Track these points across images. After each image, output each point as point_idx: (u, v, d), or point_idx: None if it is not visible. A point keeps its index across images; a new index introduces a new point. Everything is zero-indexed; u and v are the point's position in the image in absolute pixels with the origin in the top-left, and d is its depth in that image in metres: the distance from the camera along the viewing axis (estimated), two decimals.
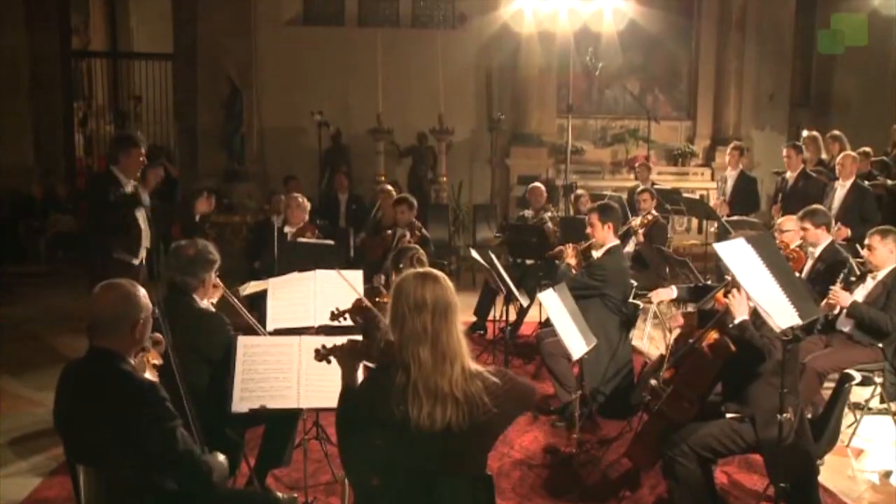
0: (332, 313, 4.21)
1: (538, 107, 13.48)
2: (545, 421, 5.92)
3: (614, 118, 13.93)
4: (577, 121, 12.96)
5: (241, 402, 3.99)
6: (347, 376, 2.89)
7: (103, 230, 6.21)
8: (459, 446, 2.67)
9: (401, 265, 5.14)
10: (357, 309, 4.22)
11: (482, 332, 8.17)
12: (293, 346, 4.16)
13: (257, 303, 6.02)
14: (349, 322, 4.29)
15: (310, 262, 5.77)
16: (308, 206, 7.86)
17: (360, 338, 3.19)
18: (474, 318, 8.22)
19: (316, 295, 5.16)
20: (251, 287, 6.05)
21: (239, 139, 12.59)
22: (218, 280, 4.49)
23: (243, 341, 4.14)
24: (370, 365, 2.99)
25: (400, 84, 12.75)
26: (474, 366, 2.73)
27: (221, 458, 3.33)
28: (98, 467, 2.98)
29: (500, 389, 2.70)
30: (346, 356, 2.93)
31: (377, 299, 4.85)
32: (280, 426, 4.43)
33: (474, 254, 7.15)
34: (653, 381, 4.59)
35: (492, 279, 7.12)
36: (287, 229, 7.62)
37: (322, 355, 3.01)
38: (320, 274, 5.35)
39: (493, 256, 6.75)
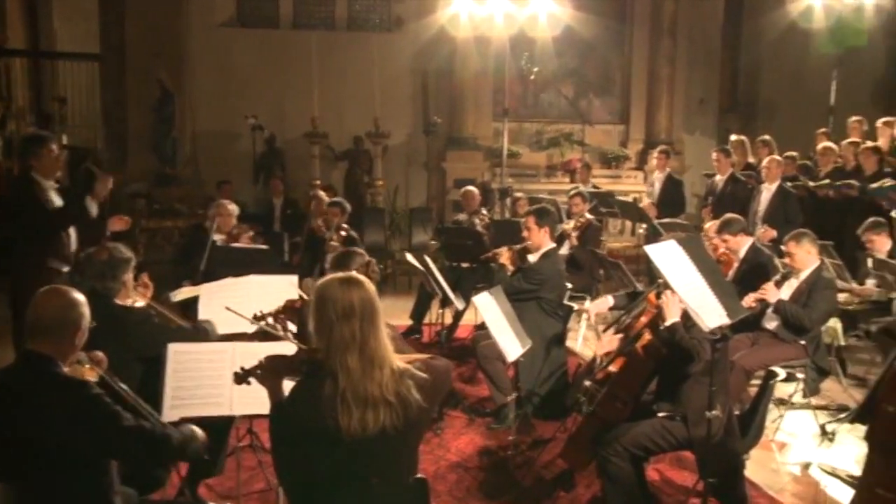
0: (255, 316, 4.14)
1: (474, 111, 13.56)
2: (481, 423, 5.95)
3: (549, 122, 14.08)
4: (513, 124, 13.07)
5: (173, 411, 3.92)
6: (273, 395, 2.81)
7: (35, 237, 5.96)
8: (394, 447, 2.67)
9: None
10: (290, 310, 4.17)
11: (418, 335, 8.18)
12: (226, 353, 4.10)
13: (191, 310, 5.92)
14: (275, 326, 4.23)
15: (243, 267, 5.71)
16: (236, 211, 7.75)
17: (280, 352, 3.09)
18: (410, 322, 8.22)
19: (250, 300, 5.09)
20: (182, 293, 5.95)
21: (170, 143, 12.37)
22: (147, 279, 4.41)
23: (174, 348, 4.06)
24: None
25: (335, 87, 12.69)
26: (402, 364, 2.71)
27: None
28: (26, 484, 2.86)
29: (428, 383, 2.69)
30: (267, 375, 2.82)
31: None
32: (213, 434, 4.35)
33: (409, 257, 7.15)
34: (587, 383, 4.66)
35: (427, 283, 7.13)
36: (216, 236, 7.48)
37: (241, 377, 2.90)
38: (255, 279, 5.28)
39: (428, 260, 6.76)
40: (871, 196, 8.13)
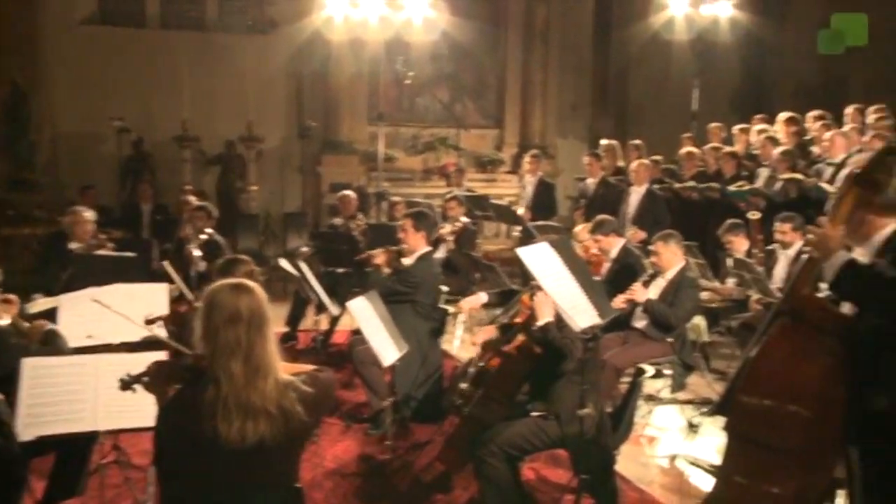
0: (147, 319, 3.98)
1: (349, 114, 13.46)
2: (358, 429, 5.90)
3: (425, 126, 14.14)
4: (389, 129, 13.06)
5: (27, 430, 3.69)
6: (161, 403, 2.76)
7: None
8: (273, 459, 2.62)
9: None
10: (175, 317, 4.04)
11: (293, 342, 8.05)
12: (87, 366, 3.91)
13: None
14: (162, 331, 4.09)
15: (108, 276, 5.46)
16: (93, 217, 7.37)
17: (164, 357, 3.01)
18: (286, 329, 8.08)
19: (116, 310, 4.86)
20: (39, 304, 5.63)
21: (27, 145, 11.69)
22: (9, 296, 4.16)
23: (30, 363, 3.83)
24: None
25: (207, 90, 12.35)
26: (286, 376, 2.66)
27: None
28: None
29: (312, 397, 2.66)
30: (154, 381, 2.79)
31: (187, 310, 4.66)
32: (73, 453, 4.13)
33: (284, 263, 7.03)
34: (463, 385, 4.69)
35: (302, 289, 7.01)
36: (73, 245, 7.11)
37: (126, 384, 2.86)
38: (120, 288, 5.07)
39: (302, 265, 6.66)
40: (730, 198, 8.52)
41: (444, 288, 6.53)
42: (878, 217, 3.21)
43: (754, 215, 7.63)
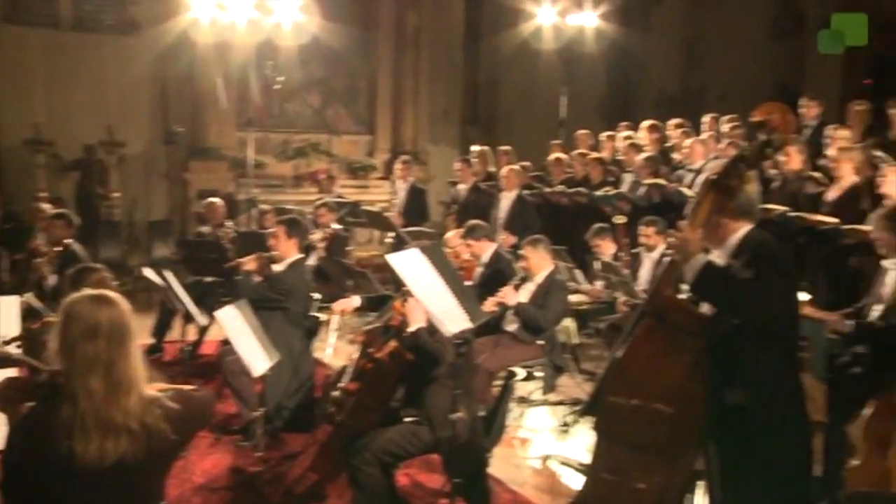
0: (3, 341, 3.73)
1: (217, 120, 13.09)
2: (228, 441, 5.73)
3: (296, 132, 13.93)
4: (259, 134, 12.79)
5: None
6: (12, 420, 2.58)
7: None
8: (135, 479, 2.50)
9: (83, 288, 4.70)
10: (26, 333, 3.80)
11: (160, 353, 7.75)
12: None
13: None
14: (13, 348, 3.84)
15: None
16: None
17: (16, 374, 2.82)
18: (152, 341, 7.78)
19: None
20: None
21: None
22: None
23: None
24: None
25: (63, 92, 11.75)
26: (152, 392, 2.55)
27: None
28: None
29: (179, 413, 2.55)
30: (5, 399, 2.61)
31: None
32: None
33: (148, 273, 6.77)
34: (336, 393, 4.63)
35: (168, 299, 6.77)
36: None
37: None
38: None
39: (168, 275, 6.43)
40: (598, 203, 8.77)
41: (317, 295, 6.44)
42: (732, 221, 3.35)
43: (620, 220, 7.88)
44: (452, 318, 3.97)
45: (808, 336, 3.55)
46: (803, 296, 4.19)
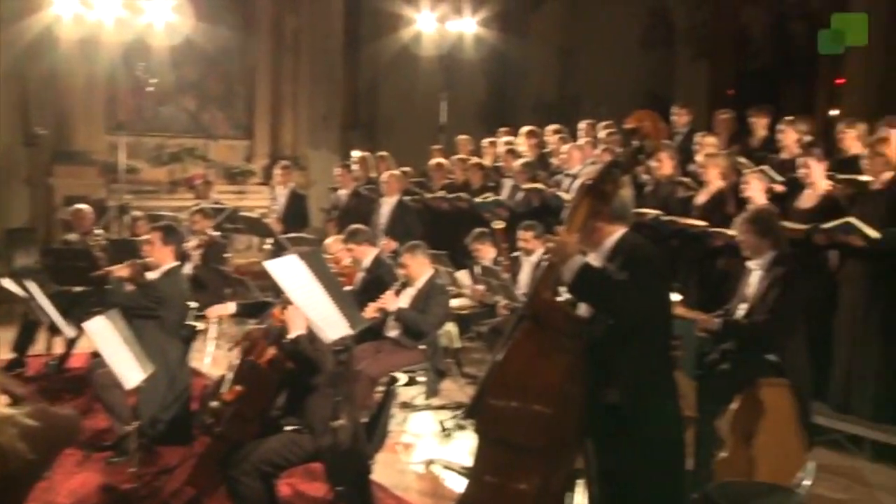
0: None
1: (84, 122, 12.49)
2: (99, 459, 5.47)
3: (171, 136, 13.50)
4: (130, 138, 12.36)
5: None
6: None
7: None
8: None
9: None
10: None
11: (22, 369, 7.34)
12: None
13: None
14: None
15: None
16: None
17: None
18: (13, 355, 7.36)
19: None
20: None
21: None
22: None
23: None
24: None
25: None
26: (6, 410, 2.39)
27: None
28: None
29: (37, 431, 2.39)
30: None
31: None
32: None
33: (7, 283, 6.41)
34: (214, 403, 4.50)
35: (31, 311, 6.43)
36: None
37: None
38: None
39: (31, 285, 6.11)
40: (478, 209, 8.86)
41: (193, 304, 6.24)
42: (607, 224, 3.43)
43: (498, 225, 7.98)
44: (332, 325, 3.92)
45: (679, 335, 3.67)
46: (675, 296, 4.33)
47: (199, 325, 6.31)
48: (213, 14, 13.16)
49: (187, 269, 7.81)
